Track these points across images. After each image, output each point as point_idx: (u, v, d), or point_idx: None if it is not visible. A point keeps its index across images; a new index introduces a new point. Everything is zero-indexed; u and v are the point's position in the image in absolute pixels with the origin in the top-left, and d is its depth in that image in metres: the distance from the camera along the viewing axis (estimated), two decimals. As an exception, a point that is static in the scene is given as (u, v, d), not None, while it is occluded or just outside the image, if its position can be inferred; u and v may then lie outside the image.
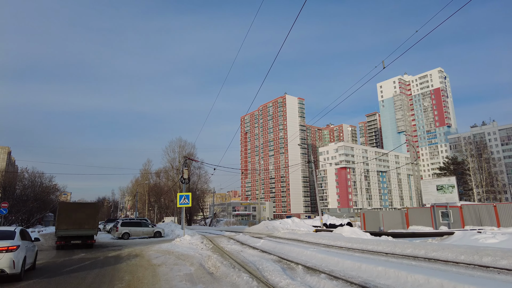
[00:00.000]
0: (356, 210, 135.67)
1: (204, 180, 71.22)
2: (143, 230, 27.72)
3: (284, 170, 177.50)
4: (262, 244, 15.91)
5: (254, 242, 17.16)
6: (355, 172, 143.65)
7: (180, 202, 21.34)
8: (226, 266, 9.30)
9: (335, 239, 16.71)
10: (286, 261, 10.50)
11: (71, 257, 14.74)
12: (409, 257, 11.01)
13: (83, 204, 24.91)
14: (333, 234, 21.44)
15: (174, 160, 68.49)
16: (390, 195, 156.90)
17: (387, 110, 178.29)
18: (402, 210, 31.01)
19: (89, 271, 10.23)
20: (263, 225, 33.57)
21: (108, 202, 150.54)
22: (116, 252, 16.35)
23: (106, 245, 21.29)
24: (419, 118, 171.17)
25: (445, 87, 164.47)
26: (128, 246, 19.98)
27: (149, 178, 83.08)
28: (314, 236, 19.39)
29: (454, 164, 68.32)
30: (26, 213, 60.27)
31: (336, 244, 15.25)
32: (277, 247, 13.83)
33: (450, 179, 26.55)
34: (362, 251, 12.80)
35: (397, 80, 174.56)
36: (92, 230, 19.20)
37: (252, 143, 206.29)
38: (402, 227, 29.89)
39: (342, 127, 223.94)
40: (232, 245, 16.58)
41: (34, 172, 75.35)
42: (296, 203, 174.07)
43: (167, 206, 78.07)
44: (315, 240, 17.90)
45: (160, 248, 17.22)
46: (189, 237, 20.09)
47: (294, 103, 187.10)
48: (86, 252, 16.92)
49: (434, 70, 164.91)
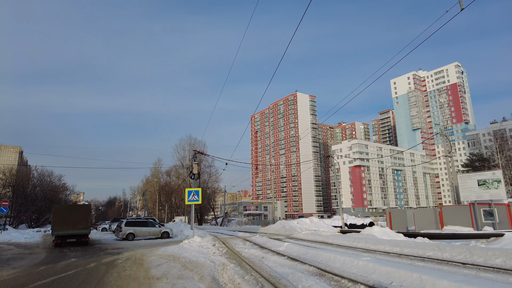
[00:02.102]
0: (371, 209, 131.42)
1: (215, 179, 68.98)
2: (149, 230, 25.28)
3: (295, 169, 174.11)
4: (286, 248, 13.11)
5: (275, 246, 14.38)
6: (369, 171, 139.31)
7: (189, 198, 18.75)
8: (250, 284, 6.58)
9: (375, 242, 13.79)
10: (333, 276, 7.62)
11: (57, 263, 12.24)
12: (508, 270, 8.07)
13: (76, 206, 28.24)
14: (365, 235, 18.51)
15: (184, 159, 66.55)
16: (406, 194, 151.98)
17: (401, 107, 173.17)
18: (435, 209, 27.80)
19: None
20: (279, 225, 30.77)
21: (120, 201, 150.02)
22: (113, 257, 13.80)
23: (105, 248, 18.84)
24: (434, 115, 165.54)
25: (462, 82, 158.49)
26: (129, 249, 17.47)
27: (160, 177, 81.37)
28: (344, 238, 16.49)
29: (480, 161, 64.17)
30: (36, 212, 58.94)
31: (380, 249, 12.37)
32: (309, 252, 10.99)
33: (495, 173, 23.26)
34: (423, 259, 9.89)
35: (411, 76, 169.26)
36: (85, 229, 20.70)
37: (263, 142, 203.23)
38: (436, 227, 26.69)
39: (354, 125, 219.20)
40: (250, 249, 13.83)
41: (43, 170, 74.37)
42: (308, 202, 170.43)
43: (178, 205, 76.31)
44: (348, 243, 15.01)
45: (165, 252, 14.64)
46: (199, 239, 17.48)
47: (306, 101, 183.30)
48: (79, 257, 14.43)
49: (450, 65, 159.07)
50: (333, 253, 10.09)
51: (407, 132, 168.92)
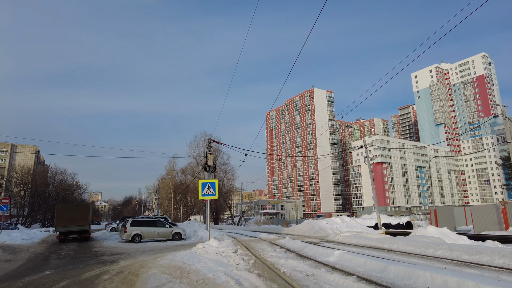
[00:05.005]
0: (394, 208, 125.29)
1: (231, 177, 65.83)
2: (159, 231, 21.83)
3: (313, 168, 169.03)
4: (340, 258, 9.21)
5: (321, 255, 10.47)
6: (392, 168, 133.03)
7: (203, 192, 14.99)
8: None
9: (459, 250, 9.70)
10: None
11: (19, 279, 8.74)
12: None
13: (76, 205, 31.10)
14: (429, 239, 14.36)
15: (199, 156, 63.71)
16: (430, 192, 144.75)
17: (423, 101, 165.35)
18: (497, 206, 23.25)
19: None
20: (307, 225, 26.83)
21: (136, 200, 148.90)
22: (102, 269, 10.24)
23: (102, 252, 15.40)
24: (459, 109, 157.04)
25: (490, 74, 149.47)
26: (130, 255, 13.94)
27: (175, 176, 78.90)
28: (407, 243, 12.43)
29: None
30: (50, 211, 56.85)
31: (483, 262, 8.34)
32: (388, 269, 7.04)
33: None
34: None
35: (433, 69, 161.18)
36: (85, 226, 22.19)
37: (279, 139, 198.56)
38: (499, 227, 22.18)
39: (373, 121, 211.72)
40: (288, 260, 9.96)
41: (56, 169, 72.63)
42: (327, 201, 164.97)
43: (193, 204, 73.70)
44: (418, 250, 10.97)
45: (171, 262, 11.01)
46: (216, 243, 13.77)
47: (323, 97, 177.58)
48: (59, 268, 10.96)
49: (476, 55, 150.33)
50: (427, 270, 6.15)
51: (430, 128, 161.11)
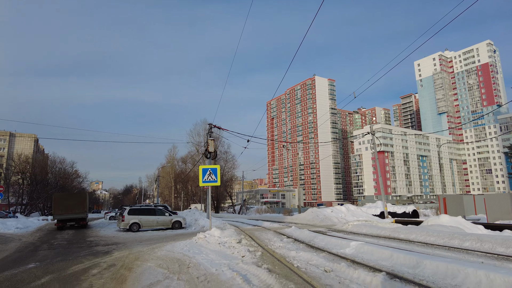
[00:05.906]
0: (395, 197, 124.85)
1: (232, 165, 64.94)
2: (158, 219, 20.92)
3: (314, 156, 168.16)
4: (358, 251, 8.19)
5: (334, 246, 9.46)
6: (393, 157, 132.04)
7: (204, 179, 13.93)
8: None
9: (503, 242, 8.69)
10: None
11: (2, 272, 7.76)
12: None
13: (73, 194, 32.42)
14: (447, 228, 13.36)
15: (200, 145, 62.62)
16: (431, 181, 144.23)
17: (425, 90, 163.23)
18: (511, 194, 22.27)
19: None
20: (311, 213, 25.91)
21: (136, 189, 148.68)
22: (92, 262, 9.25)
23: (97, 242, 14.45)
24: (462, 98, 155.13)
25: (495, 62, 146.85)
26: (126, 245, 12.97)
27: (175, 165, 78.13)
28: (426, 233, 11.42)
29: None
30: (49, 199, 56.13)
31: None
32: (423, 264, 6.00)
33: None
34: None
35: (437, 57, 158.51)
36: (82, 213, 23.07)
37: (279, 129, 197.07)
38: (513, 217, 21.26)
39: (374, 110, 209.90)
40: (299, 252, 8.94)
41: (54, 157, 71.69)
42: (327, 190, 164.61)
43: (194, 193, 73.18)
44: (441, 240, 9.97)
45: (170, 253, 10.02)
46: (218, 232, 12.80)
47: (324, 85, 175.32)
48: (46, 260, 9.99)
49: (481, 43, 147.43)
50: (479, 268, 5.11)
51: (432, 117, 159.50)
